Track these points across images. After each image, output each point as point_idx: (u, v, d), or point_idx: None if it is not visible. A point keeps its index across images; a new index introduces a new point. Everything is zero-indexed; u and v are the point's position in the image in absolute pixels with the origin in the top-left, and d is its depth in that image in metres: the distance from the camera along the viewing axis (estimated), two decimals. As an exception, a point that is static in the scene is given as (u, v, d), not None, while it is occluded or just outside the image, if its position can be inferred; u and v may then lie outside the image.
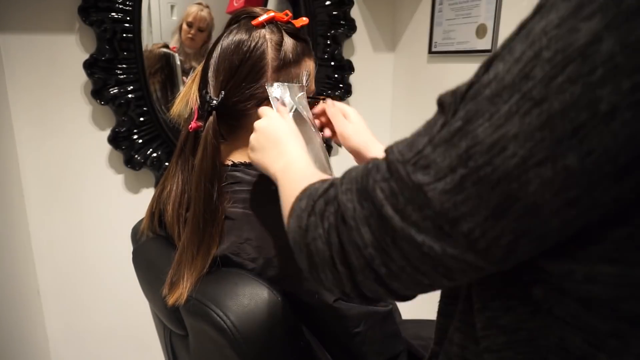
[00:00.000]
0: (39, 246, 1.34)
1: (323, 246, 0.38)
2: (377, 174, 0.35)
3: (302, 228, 0.39)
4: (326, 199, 0.38)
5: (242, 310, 0.60)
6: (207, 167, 0.66)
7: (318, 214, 0.38)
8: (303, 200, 0.41)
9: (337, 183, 0.39)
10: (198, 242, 0.66)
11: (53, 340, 1.42)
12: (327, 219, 0.37)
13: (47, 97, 1.25)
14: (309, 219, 0.39)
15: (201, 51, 1.39)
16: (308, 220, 0.39)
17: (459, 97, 0.32)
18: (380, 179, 0.35)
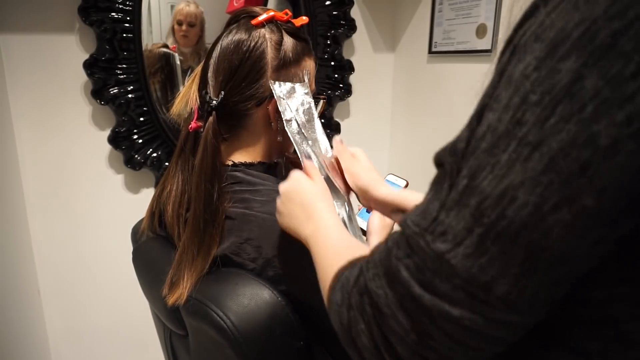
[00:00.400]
0: (39, 246, 1.34)
1: (368, 342, 0.36)
2: (398, 250, 0.34)
3: (345, 325, 0.38)
4: (359, 290, 0.37)
5: (242, 310, 0.60)
6: (207, 167, 0.66)
7: (356, 308, 0.37)
8: (337, 293, 0.40)
9: (364, 269, 0.37)
10: (198, 242, 0.66)
11: (53, 340, 1.42)
12: (366, 312, 0.35)
13: (47, 97, 1.25)
14: (349, 314, 0.37)
15: (197, 49, 1.39)
16: (348, 315, 0.37)
17: (459, 155, 0.31)
18: (402, 255, 0.33)
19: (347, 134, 1.70)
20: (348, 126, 1.71)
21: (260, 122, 0.71)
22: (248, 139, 0.72)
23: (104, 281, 1.43)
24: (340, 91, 1.62)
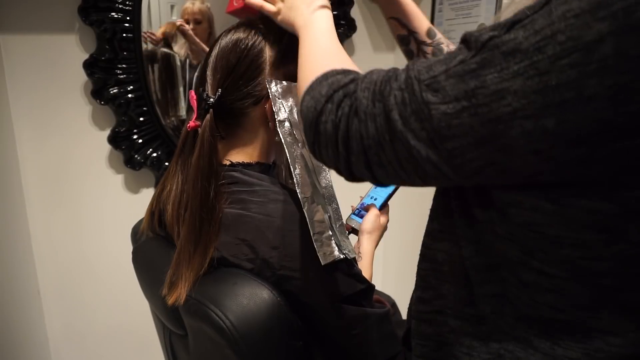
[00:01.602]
0: (39, 246, 1.34)
1: (332, 129, 0.44)
2: (395, 82, 0.41)
3: (317, 110, 0.46)
4: (345, 92, 0.45)
5: (241, 310, 0.60)
6: (203, 165, 0.66)
7: (335, 103, 0.44)
8: (324, 87, 0.46)
9: (358, 80, 0.45)
10: (195, 241, 0.66)
11: (53, 340, 1.42)
12: (342, 109, 0.44)
13: (47, 97, 1.26)
14: (325, 105, 0.45)
15: (208, 45, 1.38)
16: (325, 106, 0.45)
17: (480, 44, 0.37)
18: (396, 87, 0.41)
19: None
20: (348, 126, 1.71)
21: (257, 121, 0.71)
22: (245, 138, 0.72)
23: (104, 281, 1.43)
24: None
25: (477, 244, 0.47)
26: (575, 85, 0.32)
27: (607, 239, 0.37)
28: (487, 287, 0.47)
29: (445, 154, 0.38)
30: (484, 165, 0.38)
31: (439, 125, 0.37)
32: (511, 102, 0.34)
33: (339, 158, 0.45)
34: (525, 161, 0.36)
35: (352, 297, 0.66)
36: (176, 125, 1.40)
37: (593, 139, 0.33)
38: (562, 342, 0.42)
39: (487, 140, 0.36)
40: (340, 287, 0.65)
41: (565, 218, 0.38)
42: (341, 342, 0.67)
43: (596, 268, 0.39)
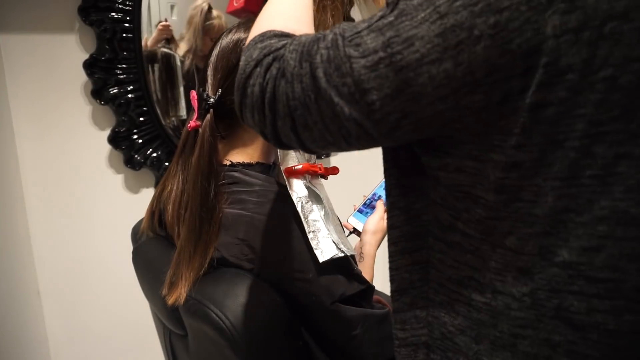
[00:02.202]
0: (39, 246, 1.34)
1: (258, 92, 0.44)
2: (322, 42, 0.42)
3: (246, 73, 0.46)
4: (275, 56, 0.45)
5: (241, 310, 0.60)
6: (203, 165, 0.66)
7: (264, 66, 0.45)
8: (256, 50, 0.47)
9: (287, 44, 0.45)
10: (195, 240, 0.66)
11: (53, 340, 1.42)
12: (270, 72, 0.44)
13: (47, 97, 1.25)
14: (254, 69, 0.45)
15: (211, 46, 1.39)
16: (253, 69, 0.45)
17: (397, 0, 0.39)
18: (323, 46, 0.42)
19: (347, 134, 1.70)
20: (348, 126, 1.71)
21: (258, 121, 0.71)
22: (246, 138, 0.72)
23: (104, 281, 1.43)
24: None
25: (407, 213, 0.49)
26: (467, 26, 0.35)
27: (505, 198, 0.40)
28: (415, 255, 0.49)
29: (366, 109, 0.39)
30: (400, 118, 0.39)
31: (360, 79, 0.38)
32: (419, 48, 0.36)
33: (265, 122, 0.45)
34: (434, 110, 0.38)
35: (352, 298, 0.66)
36: (176, 125, 1.40)
37: (485, 82, 0.36)
38: (475, 303, 0.44)
39: (401, 89, 0.37)
40: (340, 288, 0.65)
41: (482, 176, 0.40)
42: (340, 343, 0.67)
43: (500, 227, 0.41)
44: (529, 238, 0.40)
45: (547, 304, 0.40)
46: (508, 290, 0.42)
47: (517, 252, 0.40)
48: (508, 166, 0.38)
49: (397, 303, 0.51)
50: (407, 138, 0.42)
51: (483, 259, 0.43)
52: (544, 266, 0.39)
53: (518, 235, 0.40)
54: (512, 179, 0.39)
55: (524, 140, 0.37)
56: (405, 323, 0.50)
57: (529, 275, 0.40)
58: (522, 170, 0.38)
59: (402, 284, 0.50)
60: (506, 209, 0.40)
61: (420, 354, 0.50)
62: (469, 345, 0.45)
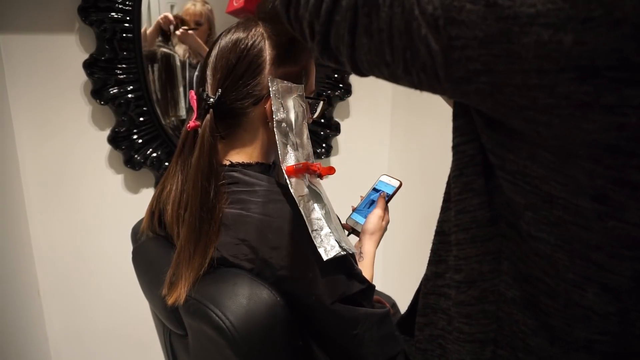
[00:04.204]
0: (39, 246, 1.34)
1: None
2: None
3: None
4: None
5: (240, 310, 0.60)
6: (203, 165, 0.66)
7: None
8: None
9: None
10: (195, 241, 0.66)
11: (53, 340, 1.42)
12: None
13: (47, 97, 1.26)
14: None
15: (208, 45, 1.39)
16: None
17: None
18: None
19: (347, 134, 1.70)
20: (348, 126, 1.71)
21: (257, 121, 0.71)
22: (245, 138, 0.72)
23: (103, 281, 1.43)
24: (340, 91, 1.62)
25: (481, 196, 0.43)
26: (608, 2, 0.28)
27: (602, 210, 0.34)
28: (488, 244, 0.43)
29: (446, 42, 0.33)
30: (480, 71, 0.33)
31: (451, 5, 0.32)
32: (536, 3, 0.30)
33: (320, 10, 0.38)
34: (524, 81, 0.32)
35: (352, 298, 0.66)
36: (176, 125, 1.40)
37: (603, 75, 0.29)
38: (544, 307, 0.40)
39: (496, 40, 0.32)
40: (341, 287, 0.65)
41: (562, 174, 0.34)
42: (341, 343, 0.67)
43: (586, 238, 0.35)
44: (624, 260, 0.35)
45: (637, 324, 0.36)
46: (588, 305, 0.37)
47: (606, 270, 0.36)
48: (618, 182, 0.32)
49: (463, 295, 0.46)
50: (473, 100, 0.36)
51: (557, 268, 0.38)
52: (636, 288, 0.35)
53: (610, 254, 0.35)
54: (620, 195, 0.33)
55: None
56: (471, 317, 0.45)
57: (615, 294, 0.36)
58: (637, 192, 0.32)
59: (470, 275, 0.45)
60: (601, 222, 0.34)
61: (487, 351, 0.45)
62: (543, 347, 0.41)
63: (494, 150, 0.39)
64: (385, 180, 0.97)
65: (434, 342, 0.51)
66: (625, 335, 0.36)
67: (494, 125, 0.38)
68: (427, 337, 0.52)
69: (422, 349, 0.52)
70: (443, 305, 0.50)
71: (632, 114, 0.29)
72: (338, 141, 1.72)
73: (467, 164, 0.43)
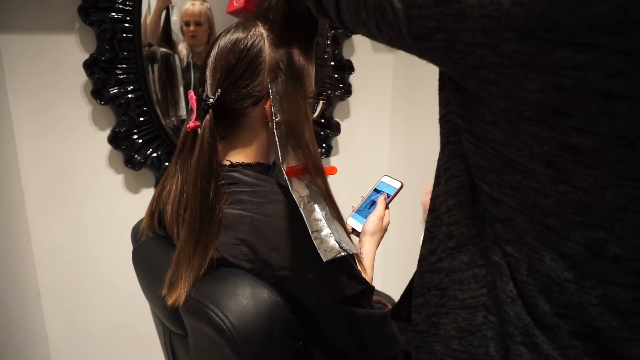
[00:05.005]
0: (39, 246, 1.34)
1: None
2: None
3: None
4: None
5: (240, 311, 0.60)
6: (203, 166, 0.66)
7: None
8: None
9: None
10: (195, 241, 0.66)
11: (53, 340, 1.42)
12: None
13: (47, 97, 1.26)
14: None
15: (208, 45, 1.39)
16: None
17: None
18: None
19: (347, 134, 1.70)
20: (348, 126, 1.71)
21: (257, 121, 0.71)
22: (245, 138, 0.72)
23: (103, 281, 1.43)
24: (340, 91, 1.62)
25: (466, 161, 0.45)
26: None
27: (554, 175, 0.36)
28: (474, 208, 0.45)
29: (407, 1, 0.38)
30: (435, 29, 0.36)
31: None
32: None
33: None
34: (472, 39, 0.34)
35: (352, 298, 0.66)
36: (176, 125, 1.40)
37: (538, 36, 0.31)
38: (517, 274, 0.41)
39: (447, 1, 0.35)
40: (340, 288, 0.65)
41: (519, 140, 0.36)
42: (340, 343, 0.67)
43: (543, 203, 0.37)
44: (577, 226, 0.36)
45: (593, 292, 0.37)
46: (546, 273, 0.38)
47: (561, 236, 0.37)
48: (562, 145, 0.34)
49: (455, 261, 0.47)
50: (434, 58, 0.40)
51: (518, 232, 0.39)
52: (590, 257, 0.36)
53: (564, 219, 0.37)
54: (566, 160, 0.35)
55: (585, 126, 0.33)
56: (462, 283, 0.46)
57: (571, 262, 0.37)
58: (579, 156, 0.34)
59: (460, 239, 0.46)
60: (553, 186, 0.36)
61: (479, 316, 0.46)
62: (520, 316, 0.41)
63: (462, 115, 0.42)
64: (387, 181, 0.97)
65: (428, 322, 0.52)
66: (585, 309, 0.37)
67: (461, 90, 0.41)
68: (423, 318, 0.52)
69: (420, 331, 0.53)
70: (436, 280, 0.51)
71: (566, 75, 0.31)
72: (338, 141, 1.72)
73: (453, 132, 0.46)
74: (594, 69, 0.30)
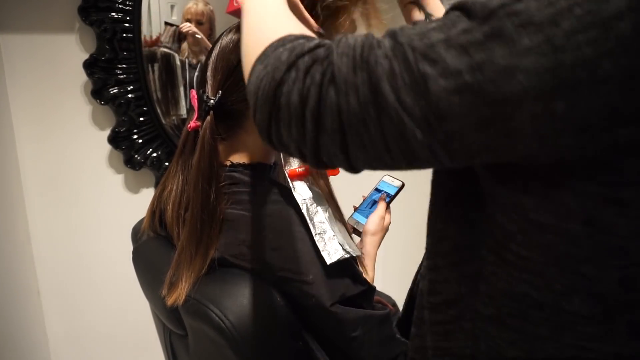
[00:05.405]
0: (39, 246, 1.34)
1: (297, 102, 0.37)
2: (379, 50, 0.36)
3: (276, 79, 0.38)
4: (314, 57, 0.38)
5: (240, 311, 0.60)
6: (204, 167, 0.66)
7: (302, 70, 0.37)
8: (283, 53, 0.39)
9: (330, 45, 0.38)
10: (196, 242, 0.66)
11: (53, 340, 1.42)
12: (312, 77, 0.37)
13: (47, 97, 1.25)
14: (287, 73, 0.38)
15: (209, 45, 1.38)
16: (286, 74, 0.38)
17: (487, 12, 0.33)
18: (382, 55, 0.35)
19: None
20: (348, 126, 1.71)
21: (258, 122, 0.71)
22: (246, 139, 0.72)
23: (104, 281, 1.43)
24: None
25: (463, 224, 0.44)
26: (590, 65, 0.29)
27: (591, 231, 0.35)
28: (466, 267, 0.44)
29: (442, 137, 0.34)
30: (482, 150, 0.34)
31: (438, 102, 0.33)
32: (522, 80, 0.30)
33: (304, 139, 0.38)
34: (525, 148, 0.33)
35: (352, 299, 0.66)
36: (176, 125, 1.40)
37: (599, 125, 0.31)
38: (531, 318, 0.40)
39: (491, 122, 0.32)
40: (340, 289, 0.65)
41: (552, 203, 0.36)
42: (341, 344, 0.67)
43: (575, 254, 0.36)
44: (612, 268, 0.36)
45: (619, 319, 0.37)
46: (575, 311, 0.38)
47: (594, 280, 0.36)
48: (608, 200, 0.34)
49: (442, 315, 0.47)
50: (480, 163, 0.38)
51: (545, 280, 0.39)
52: (622, 292, 0.36)
53: (598, 265, 0.36)
54: (609, 214, 0.34)
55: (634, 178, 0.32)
56: (448, 334, 0.47)
57: (601, 299, 0.37)
58: (625, 209, 0.34)
59: (450, 296, 0.46)
60: (590, 239, 0.35)
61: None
62: (518, 357, 0.42)
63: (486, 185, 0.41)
64: (388, 180, 0.97)
65: (421, 353, 0.52)
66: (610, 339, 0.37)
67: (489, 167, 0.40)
68: (415, 348, 0.53)
69: (411, 358, 0.53)
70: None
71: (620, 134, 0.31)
72: (338, 141, 1.72)
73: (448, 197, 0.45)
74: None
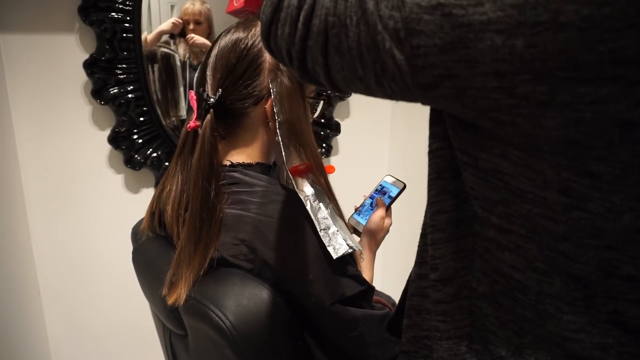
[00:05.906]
0: (39, 246, 1.34)
1: (295, 4, 0.42)
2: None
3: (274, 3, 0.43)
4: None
5: (240, 310, 0.60)
6: (204, 166, 0.66)
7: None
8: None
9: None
10: (195, 241, 0.66)
11: (53, 340, 1.42)
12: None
13: (47, 97, 1.26)
14: None
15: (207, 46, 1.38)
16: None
17: None
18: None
19: (347, 134, 1.70)
20: (348, 126, 1.71)
21: (257, 121, 0.71)
22: (246, 138, 0.72)
23: (104, 281, 1.43)
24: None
25: (457, 197, 0.45)
26: (552, 8, 0.30)
27: (567, 202, 0.35)
28: (462, 242, 0.45)
29: (409, 51, 0.36)
30: (443, 76, 0.35)
31: (410, 17, 0.35)
32: (487, 10, 0.32)
33: (294, 38, 0.42)
34: (484, 83, 0.34)
35: (352, 299, 0.66)
36: (176, 125, 1.40)
37: (555, 76, 0.31)
38: (519, 300, 0.41)
39: (454, 46, 0.33)
40: (340, 289, 0.65)
41: (531, 169, 0.36)
42: (341, 344, 0.67)
43: (553, 230, 0.37)
44: (589, 248, 0.36)
45: (603, 309, 0.37)
46: (556, 294, 0.39)
47: (572, 259, 0.37)
48: (581, 172, 0.34)
49: (440, 294, 0.47)
50: (443, 104, 0.39)
51: (527, 259, 0.40)
52: (602, 277, 0.36)
53: (575, 243, 0.37)
54: (583, 186, 0.34)
55: (607, 155, 0.32)
56: (446, 315, 0.47)
57: (582, 282, 0.37)
58: (598, 182, 0.34)
59: (446, 272, 0.46)
60: (566, 213, 0.36)
61: (462, 345, 0.46)
62: (510, 338, 0.42)
63: (467, 150, 0.42)
64: (389, 180, 0.97)
65: (418, 343, 0.52)
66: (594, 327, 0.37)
67: (466, 127, 0.41)
68: (410, 339, 0.53)
69: (406, 352, 0.54)
70: (428, 305, 0.52)
71: (586, 109, 0.31)
72: (338, 141, 1.72)
73: (446, 167, 0.46)
74: (617, 100, 0.30)
